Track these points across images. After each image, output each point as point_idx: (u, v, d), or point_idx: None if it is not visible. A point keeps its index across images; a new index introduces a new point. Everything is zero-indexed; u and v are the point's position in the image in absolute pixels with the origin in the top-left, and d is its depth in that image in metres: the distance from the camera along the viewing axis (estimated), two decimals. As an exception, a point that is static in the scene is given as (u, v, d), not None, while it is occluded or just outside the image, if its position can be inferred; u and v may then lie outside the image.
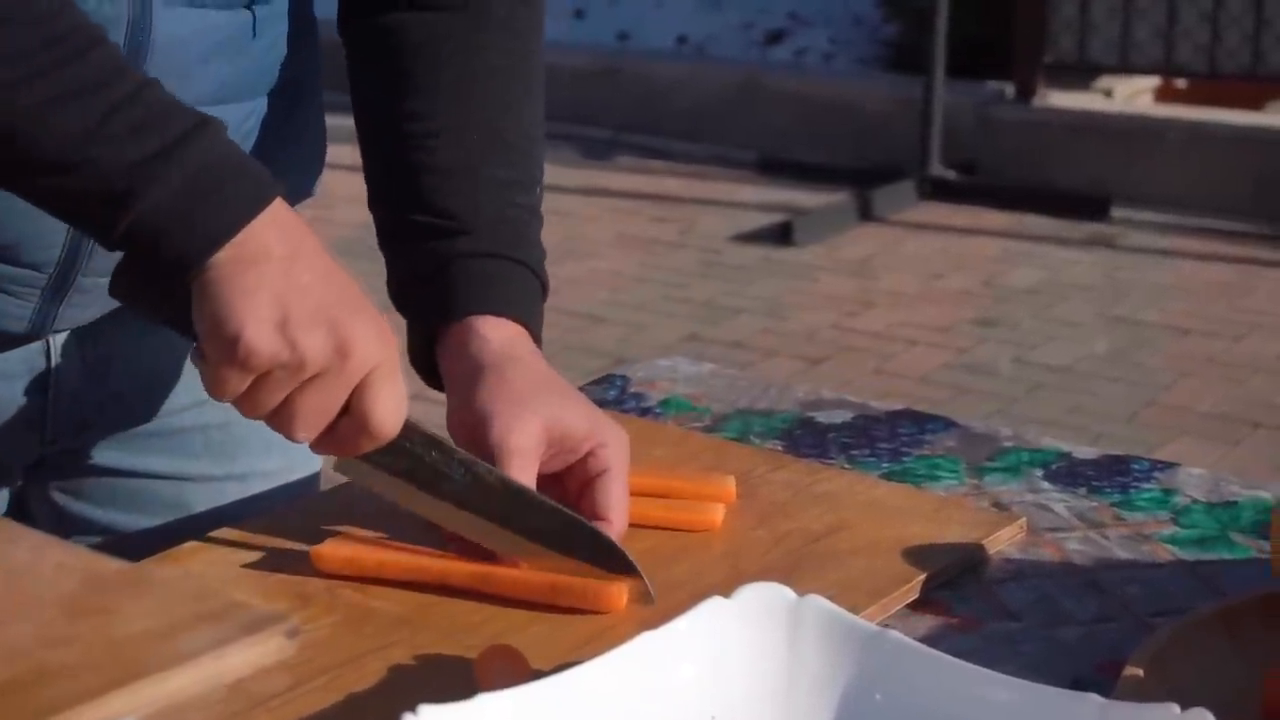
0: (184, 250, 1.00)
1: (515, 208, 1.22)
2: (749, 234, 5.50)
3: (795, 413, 1.41)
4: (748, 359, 4.40)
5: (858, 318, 4.73)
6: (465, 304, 1.17)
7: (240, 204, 1.01)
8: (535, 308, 1.21)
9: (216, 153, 1.02)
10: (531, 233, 1.23)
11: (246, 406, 1.03)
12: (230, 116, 1.19)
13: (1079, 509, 1.23)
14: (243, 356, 0.99)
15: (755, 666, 0.90)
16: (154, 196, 0.99)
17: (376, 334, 1.02)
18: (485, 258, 1.18)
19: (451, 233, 1.19)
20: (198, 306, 1.01)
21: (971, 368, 4.36)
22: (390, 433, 1.05)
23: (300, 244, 1.02)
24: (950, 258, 5.30)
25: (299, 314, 1.00)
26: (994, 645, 1.05)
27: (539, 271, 1.22)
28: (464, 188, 1.20)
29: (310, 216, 1.07)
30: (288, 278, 1.01)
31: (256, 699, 0.95)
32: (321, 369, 1.01)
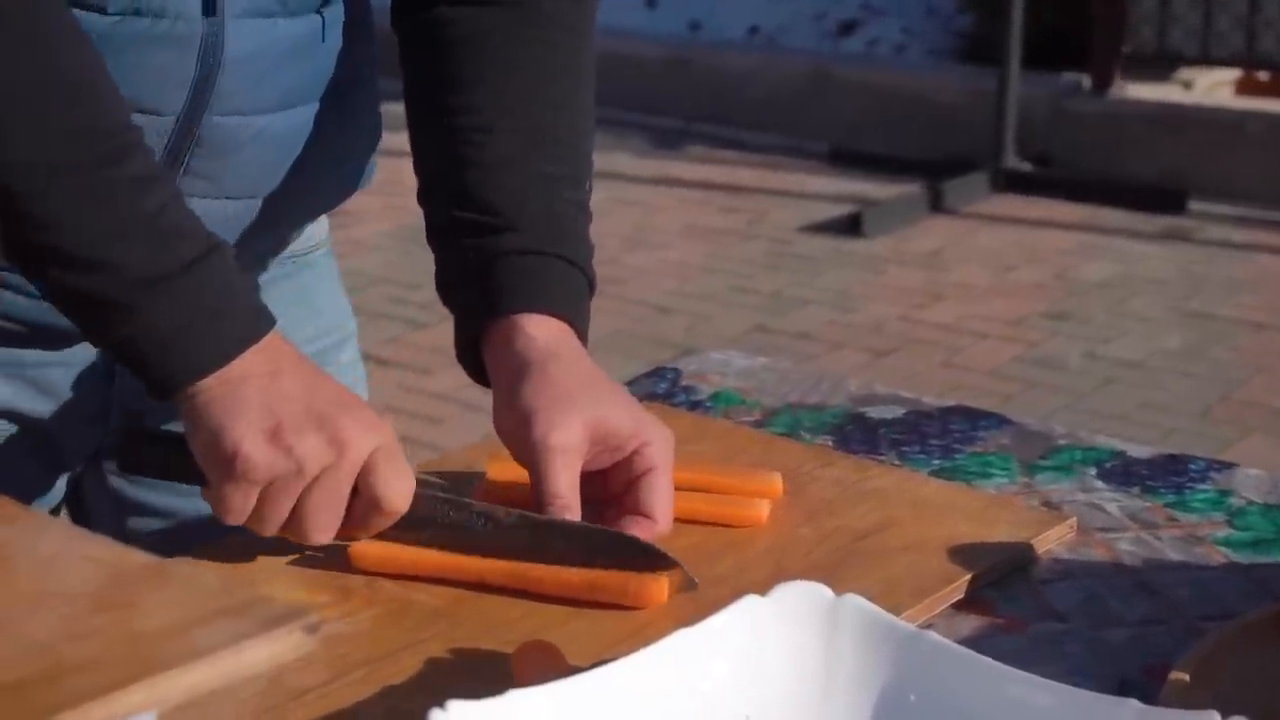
0: (168, 374, 1.04)
1: (563, 203, 1.21)
2: (818, 225, 5.47)
3: (846, 408, 1.40)
4: (814, 351, 4.37)
5: (926, 310, 4.70)
6: (510, 301, 1.17)
7: (230, 340, 1.04)
8: (581, 305, 1.20)
9: (217, 282, 1.05)
10: (579, 228, 1.22)
11: (258, 524, 1.05)
12: (295, 120, 1.20)
13: (1131, 509, 1.21)
14: (241, 470, 1.02)
15: (791, 666, 0.89)
16: (150, 318, 1.02)
17: (367, 422, 1.05)
18: (531, 254, 1.18)
19: (497, 229, 1.18)
20: (192, 433, 1.05)
21: (1041, 361, 4.32)
22: (401, 508, 1.07)
23: (282, 360, 1.06)
24: (1022, 250, 5.25)
25: (289, 420, 1.03)
26: (1039, 646, 1.03)
27: (585, 268, 1.21)
28: (510, 183, 1.19)
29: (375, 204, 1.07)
30: (273, 390, 1.04)
31: (292, 692, 0.95)
32: (321, 468, 1.03)
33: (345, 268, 1.45)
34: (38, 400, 1.24)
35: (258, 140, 1.19)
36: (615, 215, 5.51)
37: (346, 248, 5.07)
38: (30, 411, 1.24)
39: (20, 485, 1.27)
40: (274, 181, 1.23)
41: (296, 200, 1.27)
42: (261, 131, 1.19)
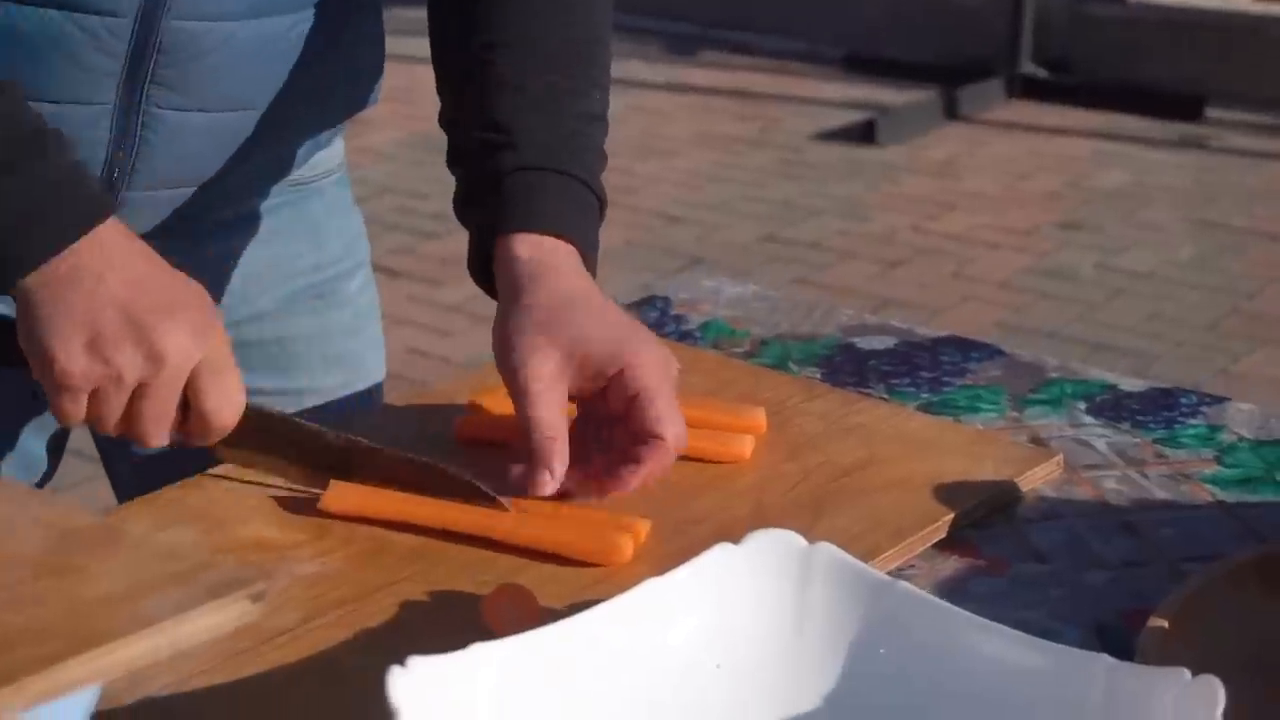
0: None
1: (569, 117, 1.18)
2: (831, 133, 5.43)
3: (836, 338, 1.38)
4: (824, 261, 4.35)
5: (938, 220, 4.67)
6: (504, 221, 1.15)
7: (55, 229, 1.02)
8: (581, 219, 1.17)
9: (40, 176, 1.02)
10: (589, 142, 1.20)
11: (96, 425, 1.05)
12: (269, 29, 1.17)
13: (1120, 445, 1.20)
14: (59, 381, 1.02)
15: (763, 615, 0.88)
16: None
17: (190, 332, 1.03)
18: (529, 171, 1.15)
19: (499, 146, 1.16)
20: (20, 333, 1.03)
21: (1052, 272, 4.30)
22: (225, 423, 1.07)
23: (113, 258, 1.03)
24: (1037, 159, 5.21)
25: (108, 330, 1.01)
26: (1019, 589, 1.02)
27: (589, 181, 1.18)
28: (514, 100, 1.17)
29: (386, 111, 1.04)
30: (96, 294, 1.02)
31: (265, 635, 0.95)
32: (138, 379, 1.02)
33: (355, 177, 1.43)
34: None
35: (226, 48, 1.15)
36: (627, 122, 5.47)
37: (357, 156, 5.04)
38: None
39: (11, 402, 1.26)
40: (256, 96, 1.20)
41: (289, 120, 1.23)
42: (229, 38, 1.15)
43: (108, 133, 1.14)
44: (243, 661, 0.92)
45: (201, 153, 1.19)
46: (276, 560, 1.02)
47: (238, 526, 1.06)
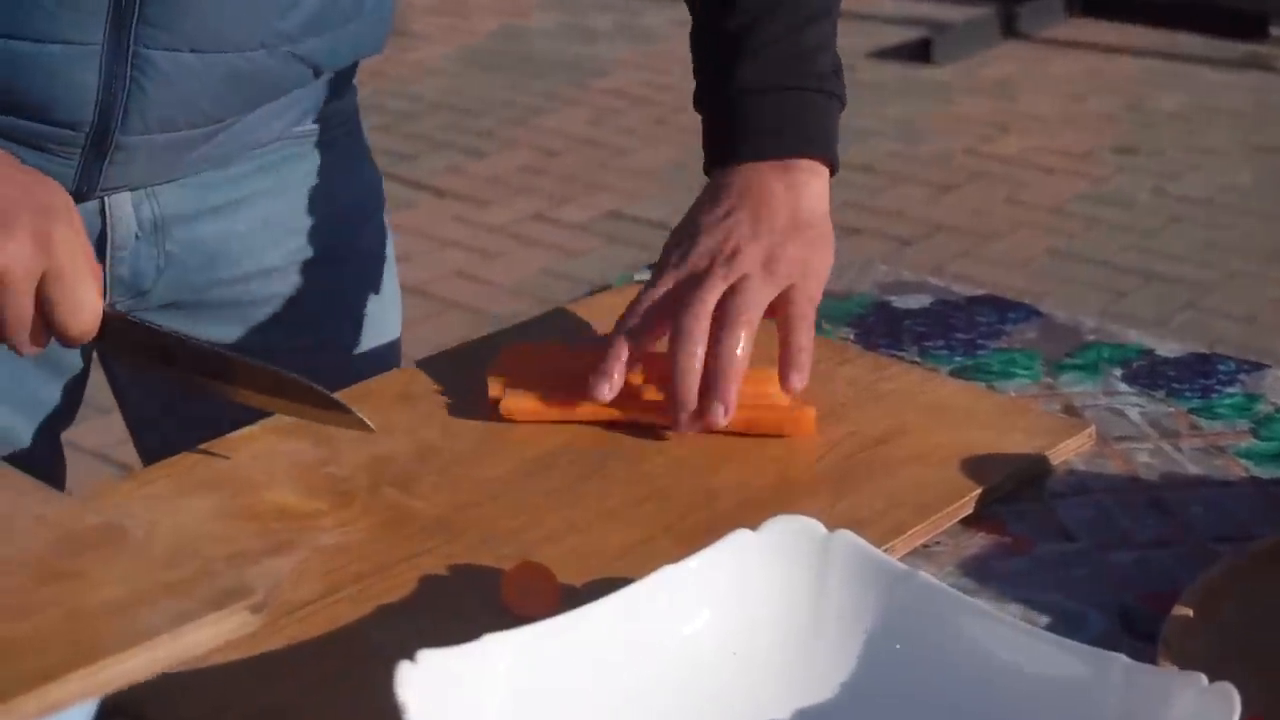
0: None
1: (792, 28, 1.24)
2: (887, 50, 5.37)
3: (872, 296, 1.37)
4: (876, 185, 4.32)
5: (993, 142, 4.62)
6: (728, 153, 1.24)
7: None
8: (801, 132, 1.22)
9: None
10: (811, 45, 1.25)
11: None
12: None
13: (1154, 415, 1.19)
14: None
15: (780, 603, 0.88)
16: None
17: (30, 242, 1.01)
18: (750, 95, 1.22)
19: (720, 69, 1.24)
20: None
21: (1107, 198, 4.25)
22: (76, 331, 1.05)
23: None
24: (1094, 79, 5.14)
25: None
26: (1044, 569, 1.01)
27: (818, 85, 1.24)
28: (739, 20, 1.23)
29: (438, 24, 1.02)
30: None
31: (285, 608, 0.95)
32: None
33: (404, 92, 1.42)
34: None
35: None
36: (678, 39, 5.40)
37: (406, 70, 5.02)
38: None
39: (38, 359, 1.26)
40: (250, 36, 1.16)
41: (289, 63, 1.20)
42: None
43: (97, 75, 1.12)
44: (262, 636, 0.92)
45: (196, 95, 1.15)
46: (297, 530, 1.02)
47: (260, 493, 1.06)
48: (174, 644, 0.59)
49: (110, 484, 1.07)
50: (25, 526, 0.65)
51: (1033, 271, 3.78)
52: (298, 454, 1.10)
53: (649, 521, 1.04)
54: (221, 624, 0.60)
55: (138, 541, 0.65)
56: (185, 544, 0.99)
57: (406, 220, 4.07)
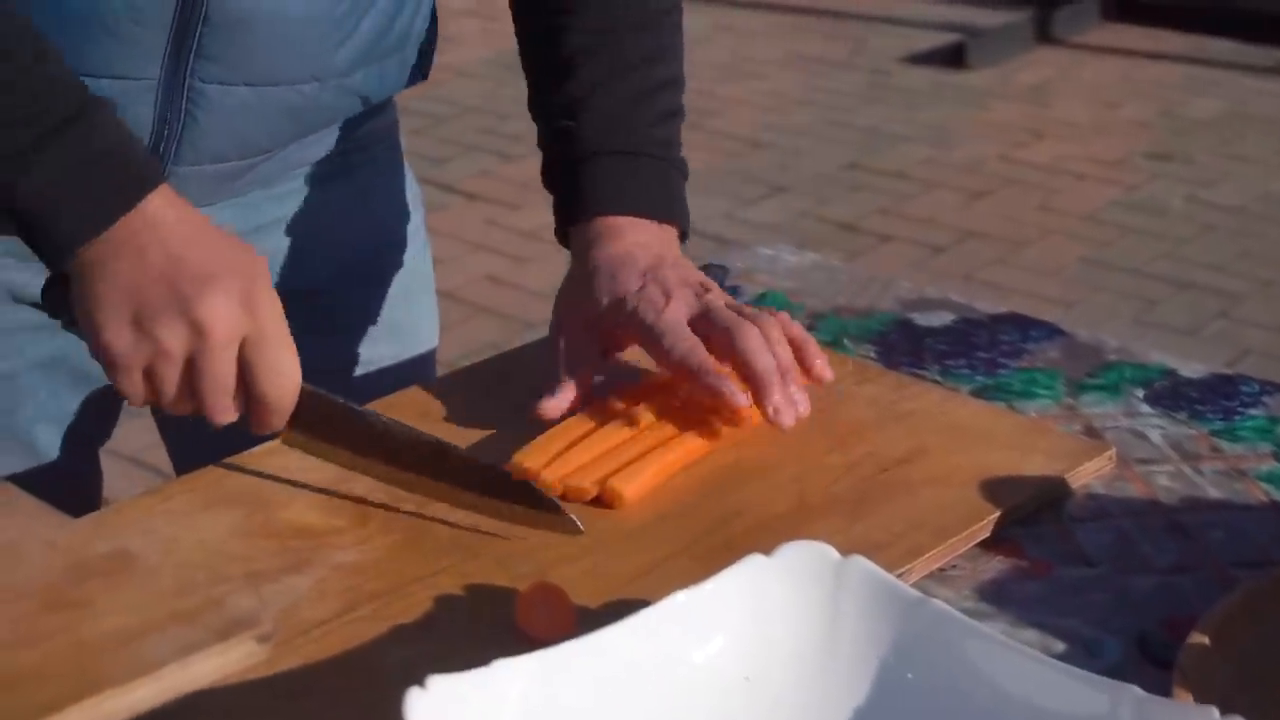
0: (50, 247, 1.02)
1: (641, 93, 1.24)
2: (921, 55, 5.36)
3: (894, 314, 1.37)
4: (908, 191, 4.30)
5: (1026, 148, 4.60)
6: (576, 208, 1.22)
7: (102, 205, 1.01)
8: (650, 194, 1.22)
9: (91, 146, 1.01)
10: (657, 112, 1.24)
11: (160, 404, 1.04)
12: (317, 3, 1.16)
13: (1175, 437, 1.18)
14: (109, 360, 1.02)
15: (794, 628, 0.87)
16: (22, 191, 0.99)
17: (235, 302, 1.01)
18: (599, 157, 1.22)
19: (567, 133, 1.23)
20: (76, 311, 1.03)
21: (1140, 205, 4.23)
22: (278, 402, 1.04)
23: (162, 229, 1.01)
24: (1129, 85, 5.12)
25: (151, 305, 1.00)
26: (1062, 593, 1.01)
27: (660, 153, 1.24)
28: (582, 83, 1.23)
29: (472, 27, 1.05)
30: (140, 267, 1.00)
31: (302, 627, 0.95)
32: (186, 352, 1.01)
33: (438, 95, 1.44)
34: None
35: (275, 20, 1.14)
36: (713, 42, 5.42)
37: (440, 73, 5.02)
38: None
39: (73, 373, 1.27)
40: (302, 69, 1.19)
41: (338, 94, 1.23)
42: (279, 10, 1.14)
43: (153, 108, 1.13)
44: (277, 654, 0.92)
45: (248, 127, 1.18)
46: (315, 548, 1.03)
47: (280, 510, 1.07)
48: (180, 674, 0.59)
49: (132, 500, 1.07)
50: (35, 553, 0.65)
51: (1064, 279, 3.77)
52: (318, 471, 1.11)
53: (667, 542, 1.04)
54: (228, 654, 0.61)
55: (146, 569, 0.65)
56: (204, 562, 1.00)
57: (438, 224, 4.08)
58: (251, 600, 0.96)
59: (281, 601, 0.97)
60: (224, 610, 0.63)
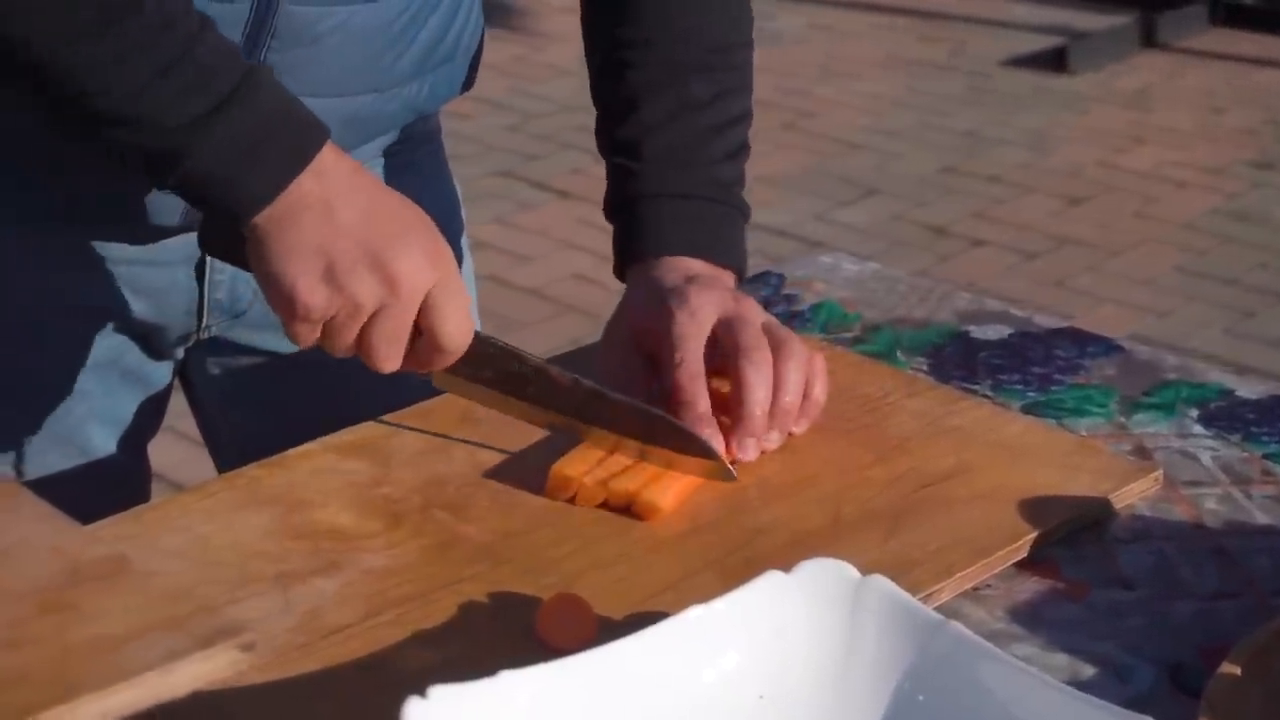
0: (228, 210, 1.03)
1: (707, 130, 1.24)
2: (1022, 58, 5.30)
3: (950, 326, 1.35)
4: (1002, 195, 4.26)
5: (1126, 154, 4.54)
6: (634, 248, 1.22)
7: (279, 166, 1.02)
8: (711, 237, 1.22)
9: (261, 110, 1.02)
10: (721, 151, 1.24)
11: (329, 349, 1.06)
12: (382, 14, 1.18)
13: (1226, 459, 1.16)
14: (301, 313, 1.03)
15: (811, 646, 0.86)
16: (197, 159, 1.01)
17: (422, 256, 1.04)
18: (658, 199, 1.22)
19: (629, 172, 1.23)
20: (253, 264, 1.04)
21: (1240, 215, 4.16)
22: (458, 346, 1.07)
23: (338, 183, 1.03)
24: (1234, 91, 5.03)
25: (343, 260, 1.02)
26: (1098, 617, 0.99)
27: (721, 196, 1.23)
28: (646, 119, 1.23)
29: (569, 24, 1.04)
30: (328, 223, 1.02)
31: (324, 630, 0.96)
32: (378, 305, 1.03)
33: (534, 92, 1.45)
34: (133, 298, 1.25)
35: (339, 33, 1.17)
36: (809, 42, 5.40)
37: (538, 70, 5.04)
38: (126, 309, 1.26)
39: (126, 374, 1.29)
40: (362, 81, 1.21)
41: (391, 104, 1.24)
42: (343, 24, 1.16)
43: None
44: (298, 657, 0.93)
45: None
46: (346, 551, 1.03)
47: (314, 511, 1.07)
48: (160, 682, 0.60)
49: (172, 498, 1.08)
50: (37, 556, 0.66)
51: (1158, 288, 3.72)
52: (354, 473, 1.11)
53: (696, 555, 1.03)
54: (209, 662, 0.61)
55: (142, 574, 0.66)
56: (235, 561, 1.00)
57: (529, 221, 4.09)
58: (275, 602, 0.97)
59: (307, 604, 0.98)
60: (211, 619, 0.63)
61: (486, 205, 4.15)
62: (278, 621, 0.96)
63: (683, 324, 1.13)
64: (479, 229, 3.95)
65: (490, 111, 4.76)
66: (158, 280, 1.26)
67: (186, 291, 1.27)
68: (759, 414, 1.11)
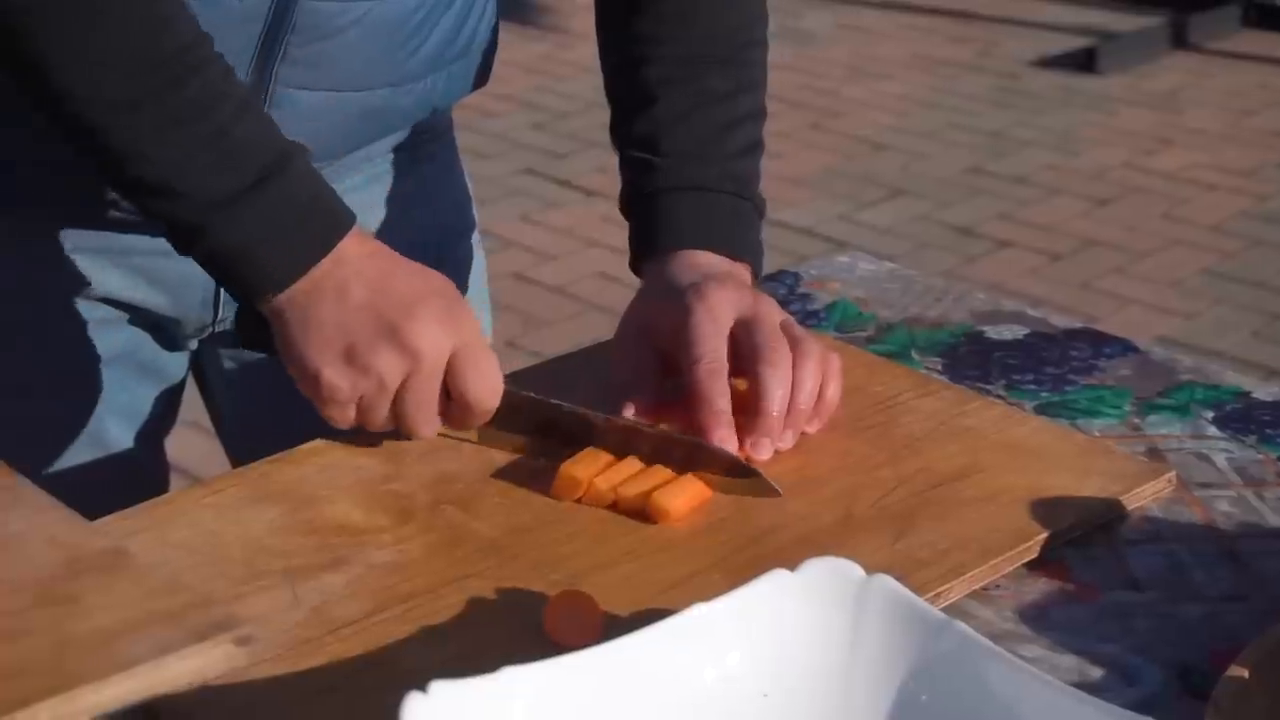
0: (248, 289, 1.06)
1: (721, 127, 1.24)
2: (1051, 59, 5.28)
3: (966, 325, 1.35)
4: (1029, 196, 4.24)
5: (1154, 156, 4.52)
6: (652, 240, 1.22)
7: (302, 249, 1.05)
8: (726, 230, 1.22)
9: (291, 193, 1.05)
10: (736, 146, 1.24)
11: (367, 425, 1.08)
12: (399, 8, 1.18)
13: (1240, 461, 1.15)
14: (326, 395, 1.05)
15: (815, 645, 0.86)
16: (224, 235, 1.04)
17: (439, 322, 1.05)
18: (675, 192, 1.22)
19: (646, 165, 1.23)
20: (281, 353, 1.07)
21: (1271, 217, 4.13)
22: (488, 407, 1.09)
23: (356, 265, 1.06)
24: (1266, 93, 5.00)
25: (363, 338, 1.04)
26: (1106, 618, 0.99)
27: (738, 190, 1.23)
28: (662, 114, 1.23)
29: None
30: (344, 303, 1.04)
31: (331, 624, 0.96)
32: (401, 379, 1.05)
33: (560, 89, 1.45)
34: (149, 290, 1.26)
35: (357, 27, 1.17)
36: (839, 43, 5.39)
37: (564, 67, 5.05)
38: (142, 300, 1.26)
39: (141, 366, 1.30)
40: (379, 75, 1.21)
41: (406, 99, 1.25)
42: (361, 18, 1.17)
43: None
44: (304, 652, 0.93)
45: (325, 131, 1.20)
46: (354, 546, 1.03)
47: (324, 506, 1.07)
48: (153, 675, 0.60)
49: (182, 491, 1.09)
50: (36, 547, 0.66)
51: (1185, 290, 3.70)
52: (364, 469, 1.11)
53: (704, 554, 1.03)
54: (204, 656, 0.61)
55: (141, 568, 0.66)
56: (242, 558, 1.01)
57: (554, 219, 4.10)
58: (283, 597, 0.98)
59: (314, 599, 0.98)
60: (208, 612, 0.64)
61: (512, 203, 4.16)
62: (285, 616, 0.96)
63: (701, 321, 1.13)
64: (504, 226, 3.96)
65: (516, 109, 4.77)
66: (175, 272, 1.26)
67: (203, 283, 1.27)
68: (775, 415, 1.11)
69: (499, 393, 1.09)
